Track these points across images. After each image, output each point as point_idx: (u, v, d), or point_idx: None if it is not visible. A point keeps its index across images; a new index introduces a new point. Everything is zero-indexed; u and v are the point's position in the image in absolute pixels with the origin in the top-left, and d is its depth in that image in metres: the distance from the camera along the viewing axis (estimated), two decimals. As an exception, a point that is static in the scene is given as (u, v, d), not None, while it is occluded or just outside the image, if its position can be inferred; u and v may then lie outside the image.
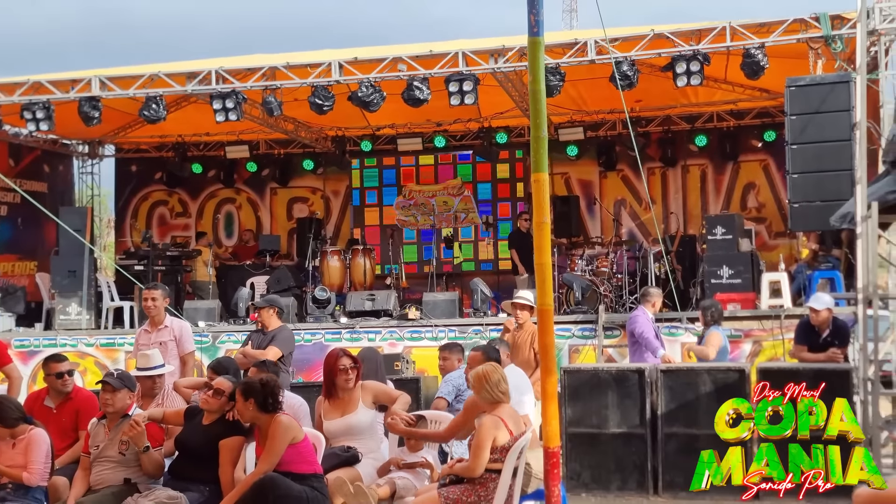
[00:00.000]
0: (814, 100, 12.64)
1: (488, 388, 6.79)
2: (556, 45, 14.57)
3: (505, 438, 6.62)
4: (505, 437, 6.62)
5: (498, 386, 6.82)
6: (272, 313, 10.51)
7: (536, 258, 5.91)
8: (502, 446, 6.62)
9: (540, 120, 6.02)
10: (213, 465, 6.79)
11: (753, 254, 15.42)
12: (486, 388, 6.80)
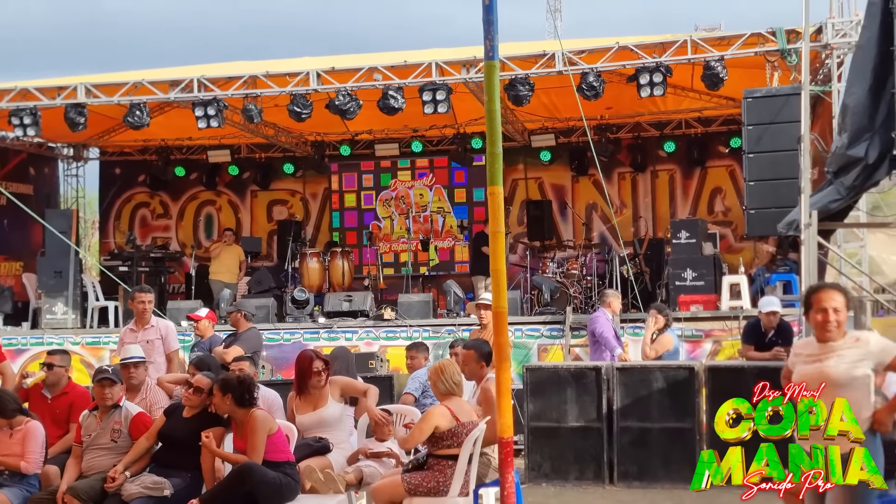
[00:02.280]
0: (769, 111, 13.18)
1: (443, 379, 7.47)
2: (526, 57, 15.18)
3: (450, 424, 7.23)
4: (450, 423, 7.24)
5: (452, 377, 7.50)
6: (240, 317, 11.37)
7: (492, 265, 6.24)
8: (448, 430, 7.22)
9: (495, 137, 6.46)
10: (194, 454, 7.32)
11: (716, 257, 16.04)
12: (442, 380, 7.47)
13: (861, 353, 5.44)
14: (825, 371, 5.39)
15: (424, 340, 14.75)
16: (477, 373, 8.12)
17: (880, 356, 5.50)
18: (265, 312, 16.17)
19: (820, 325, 5.52)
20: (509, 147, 20.27)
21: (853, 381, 5.38)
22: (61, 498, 7.38)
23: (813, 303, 5.58)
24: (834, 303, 5.51)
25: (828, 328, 5.50)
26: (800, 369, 5.55)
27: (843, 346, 5.49)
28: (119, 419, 7.75)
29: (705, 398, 10.19)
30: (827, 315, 5.49)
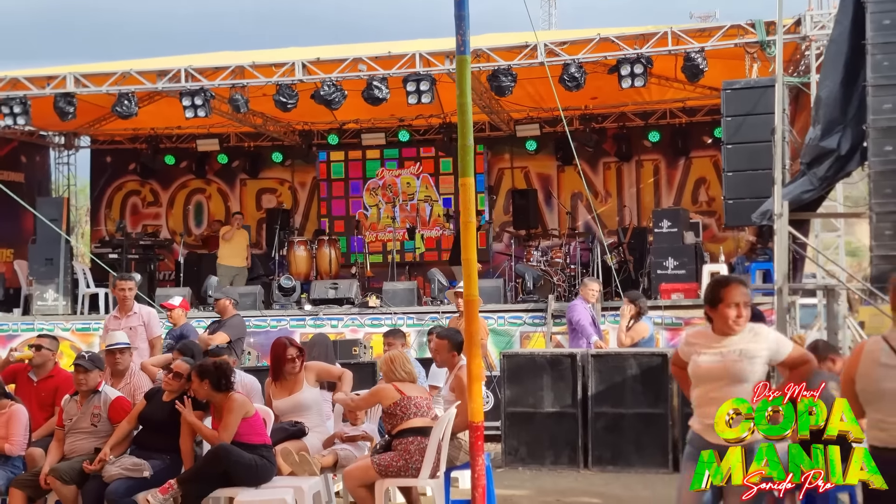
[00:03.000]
0: (747, 102, 13.39)
1: (394, 369, 7.83)
2: (508, 48, 15.36)
3: (394, 398, 7.62)
4: (394, 396, 7.63)
5: (403, 367, 7.87)
6: (228, 304, 11.58)
7: (463, 254, 6.35)
8: (393, 404, 7.61)
9: (466, 129, 6.53)
10: (173, 437, 7.56)
11: (697, 246, 16.24)
12: (393, 370, 7.83)
13: (760, 347, 5.39)
14: (729, 366, 5.35)
15: (409, 327, 15.06)
16: (449, 361, 8.39)
17: (776, 351, 5.45)
18: (252, 299, 16.38)
19: (731, 321, 5.41)
20: (496, 137, 20.53)
21: (753, 375, 5.34)
22: (44, 479, 7.62)
23: (724, 297, 5.44)
24: (744, 297, 5.47)
25: (738, 323, 5.42)
26: (700, 362, 5.47)
27: (743, 340, 5.42)
28: (99, 404, 7.98)
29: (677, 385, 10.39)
30: (739, 310, 5.42)
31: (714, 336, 5.50)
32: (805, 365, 5.47)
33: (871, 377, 4.55)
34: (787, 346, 5.50)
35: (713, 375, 5.39)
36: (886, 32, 10.33)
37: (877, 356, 4.60)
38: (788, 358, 5.47)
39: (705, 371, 5.44)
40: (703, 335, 5.60)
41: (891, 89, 10.27)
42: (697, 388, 5.53)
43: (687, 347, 5.67)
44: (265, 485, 7.37)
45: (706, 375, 5.43)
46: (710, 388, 5.40)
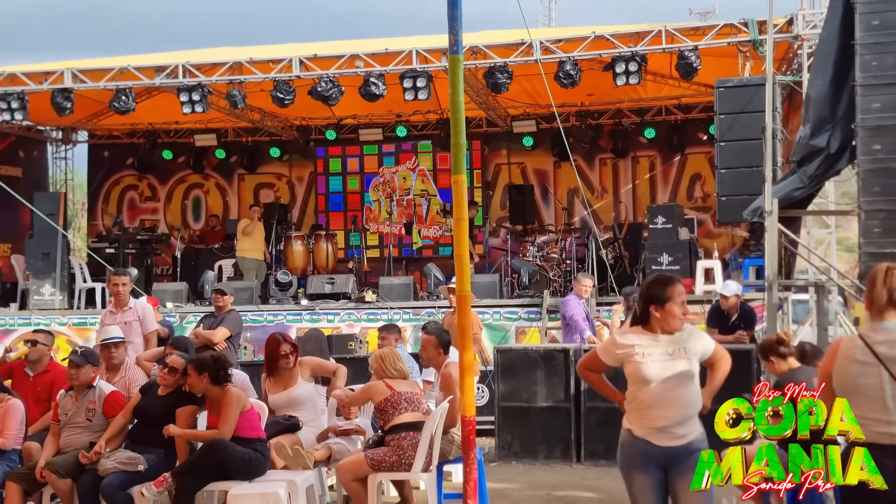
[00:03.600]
0: (740, 100, 13.45)
1: (385, 367, 7.94)
2: (504, 45, 15.45)
3: (385, 394, 7.73)
4: (385, 393, 7.75)
5: (393, 365, 7.98)
6: (230, 299, 11.66)
7: (455, 250, 6.44)
8: (384, 400, 7.73)
9: (459, 128, 6.60)
10: (167, 431, 7.69)
11: (692, 242, 16.37)
12: (384, 368, 7.94)
13: (697, 345, 5.38)
14: (680, 365, 5.29)
15: (405, 322, 15.15)
16: (435, 359, 8.50)
17: (705, 348, 5.44)
18: (249, 294, 16.47)
19: (678, 319, 5.35)
20: (493, 132, 20.62)
21: (696, 372, 5.35)
22: (40, 472, 7.73)
23: (672, 295, 5.35)
24: (684, 296, 5.43)
25: (683, 321, 5.39)
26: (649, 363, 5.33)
27: (684, 338, 5.37)
28: (93, 398, 8.08)
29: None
30: (685, 308, 5.38)
31: (654, 335, 5.39)
32: (723, 360, 5.52)
33: (847, 373, 4.62)
34: (711, 345, 5.51)
35: (666, 376, 5.28)
36: (875, 33, 10.41)
37: (852, 353, 4.66)
38: (713, 356, 5.49)
39: (657, 372, 5.29)
40: (640, 335, 5.45)
41: (879, 89, 10.36)
42: (643, 390, 5.35)
43: (621, 350, 5.46)
44: (259, 478, 7.47)
45: (657, 376, 5.28)
46: (663, 389, 5.27)
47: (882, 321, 4.65)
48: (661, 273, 6.43)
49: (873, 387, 4.56)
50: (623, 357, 5.45)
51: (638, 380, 5.38)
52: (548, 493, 9.38)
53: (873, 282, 4.71)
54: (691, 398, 5.34)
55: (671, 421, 5.28)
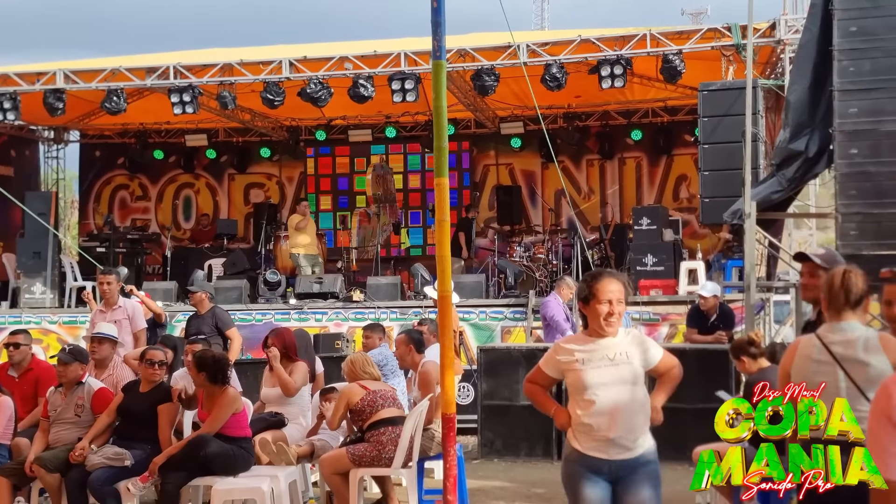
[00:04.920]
0: (723, 103, 13.64)
1: (356, 370, 8.16)
2: (491, 48, 15.64)
3: (361, 394, 7.90)
4: (360, 393, 7.91)
5: (363, 369, 8.18)
6: (204, 297, 11.81)
7: (437, 251, 6.44)
8: (361, 400, 7.89)
9: (441, 132, 6.69)
10: (152, 428, 7.85)
11: (676, 243, 16.53)
12: (355, 372, 8.15)
13: (637, 350, 5.06)
14: (623, 371, 4.99)
15: (392, 322, 15.32)
16: (407, 356, 8.73)
17: (649, 354, 5.13)
18: (238, 293, 16.61)
19: (604, 318, 5.01)
20: (481, 134, 20.81)
21: (641, 379, 5.06)
22: (29, 467, 7.88)
23: (596, 293, 5.04)
24: (618, 294, 5.06)
25: (610, 322, 5.01)
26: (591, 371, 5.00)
27: (624, 343, 5.06)
28: (82, 395, 8.24)
29: (647, 379, 10.67)
30: (612, 307, 5.01)
31: (592, 340, 5.09)
32: (674, 368, 5.20)
33: (805, 371, 4.77)
34: (658, 352, 5.18)
35: (608, 383, 4.97)
36: (853, 39, 10.59)
37: (810, 352, 4.83)
38: (660, 363, 5.15)
39: (597, 379, 4.98)
40: (579, 340, 5.19)
41: (856, 94, 10.54)
42: (585, 400, 5.00)
43: (562, 357, 5.14)
44: (243, 474, 7.63)
45: (598, 383, 4.96)
46: (605, 397, 4.95)
47: (839, 322, 4.83)
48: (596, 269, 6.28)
49: (830, 385, 4.72)
50: (565, 366, 5.11)
51: (579, 389, 5.03)
52: (528, 490, 9.54)
53: (831, 284, 4.88)
54: (637, 406, 5.00)
55: (618, 431, 4.95)
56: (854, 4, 10.73)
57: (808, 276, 5.62)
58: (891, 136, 10.47)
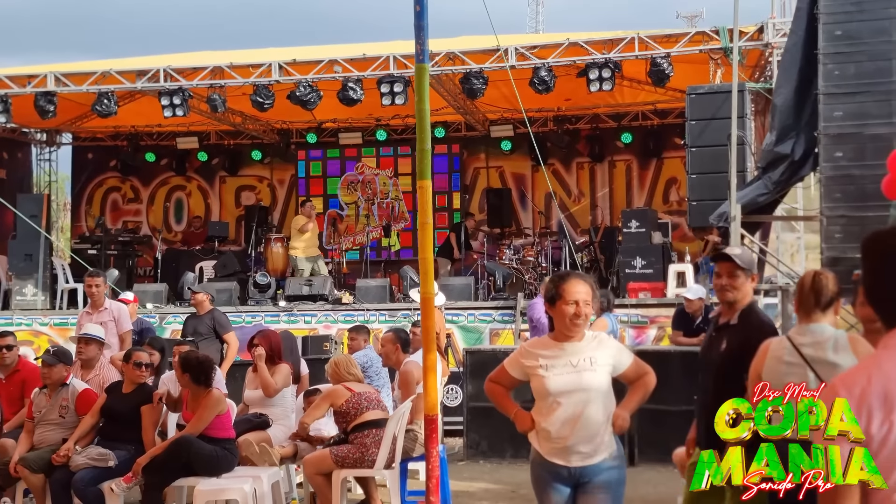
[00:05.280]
0: (710, 107, 13.70)
1: (340, 372, 8.18)
2: (480, 51, 15.69)
3: (346, 396, 7.92)
4: (345, 395, 7.93)
5: (347, 370, 8.20)
6: (205, 298, 11.88)
7: (420, 253, 6.49)
8: (346, 402, 7.91)
9: (424, 134, 6.71)
10: (136, 429, 7.91)
11: (665, 246, 16.57)
12: (339, 373, 8.18)
13: (605, 356, 4.93)
14: (586, 377, 4.86)
15: (381, 324, 15.34)
16: (393, 355, 8.76)
17: (618, 361, 5.00)
18: (228, 295, 16.64)
19: (570, 319, 4.87)
20: (471, 136, 20.85)
21: (606, 385, 4.90)
22: (14, 468, 7.93)
23: (562, 293, 4.91)
24: (585, 295, 4.90)
25: (577, 322, 4.87)
26: (553, 376, 4.88)
27: (590, 348, 4.93)
28: (66, 396, 8.29)
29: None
30: (578, 308, 4.85)
31: (557, 344, 4.97)
32: (646, 376, 5.06)
33: (775, 373, 4.82)
34: (627, 358, 5.05)
35: (569, 389, 4.83)
36: (838, 43, 10.71)
37: (781, 354, 4.88)
38: (629, 370, 5.02)
39: (559, 385, 4.86)
40: (545, 344, 5.06)
41: (841, 98, 10.66)
42: (547, 406, 4.90)
43: (527, 361, 5.03)
44: (226, 474, 7.67)
45: (560, 390, 4.84)
46: (567, 404, 4.83)
47: (809, 324, 4.89)
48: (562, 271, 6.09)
49: None
50: (529, 370, 4.99)
51: (541, 395, 4.92)
52: (511, 491, 9.58)
53: (802, 287, 4.95)
54: (599, 415, 4.85)
55: (576, 439, 4.83)
56: (839, 8, 10.84)
57: (727, 277, 5.34)
58: (875, 139, 10.58)
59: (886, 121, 10.66)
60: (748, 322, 5.33)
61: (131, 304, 12.09)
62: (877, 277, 2.67)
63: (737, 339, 5.28)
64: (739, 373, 5.13)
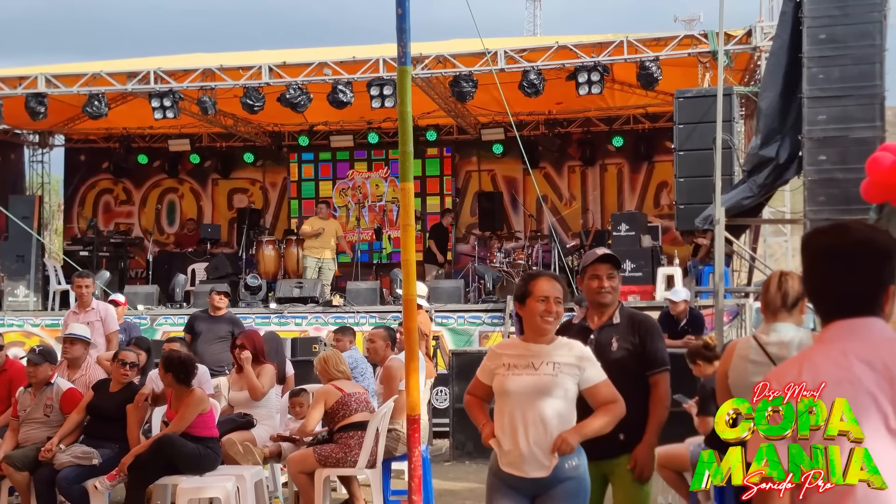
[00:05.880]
0: (698, 110, 13.78)
1: (329, 369, 8.26)
2: (470, 54, 15.76)
3: (336, 396, 7.97)
4: (336, 395, 7.98)
5: (336, 367, 8.28)
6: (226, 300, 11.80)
7: (403, 255, 6.51)
8: (336, 402, 7.96)
9: (407, 136, 6.77)
10: (121, 427, 7.94)
11: (654, 249, 16.64)
12: (328, 370, 8.26)
13: (572, 363, 4.65)
14: (544, 381, 4.61)
15: (371, 326, 15.40)
16: (381, 352, 8.83)
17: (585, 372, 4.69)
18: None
19: (541, 317, 4.67)
20: (463, 140, 20.90)
21: (570, 393, 4.65)
22: (-1, 466, 7.99)
23: (532, 290, 4.72)
24: (556, 293, 4.70)
25: (548, 320, 4.66)
26: (510, 378, 4.66)
27: (557, 353, 4.68)
28: (51, 395, 8.34)
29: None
30: (549, 305, 4.66)
31: (524, 345, 4.76)
32: (614, 404, 4.69)
33: (741, 371, 4.89)
34: (596, 375, 4.71)
35: (524, 391, 4.61)
36: (822, 47, 10.78)
37: (746, 353, 4.95)
38: (597, 389, 4.69)
39: (515, 386, 4.65)
40: (512, 345, 4.90)
41: (825, 101, 10.73)
42: (503, 408, 4.69)
43: (492, 361, 4.85)
44: (209, 473, 7.73)
45: (515, 391, 4.64)
46: (522, 407, 4.61)
47: (774, 323, 4.95)
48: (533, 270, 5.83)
49: None
50: (494, 371, 4.78)
51: (499, 394, 4.72)
52: (496, 491, 9.62)
53: (768, 287, 5.01)
54: (556, 421, 4.59)
55: (529, 446, 4.58)
56: (823, 12, 10.92)
57: (608, 279, 5.08)
58: (859, 143, 10.65)
59: (870, 124, 10.74)
60: (635, 317, 5.25)
61: (121, 307, 12.11)
62: (810, 273, 2.74)
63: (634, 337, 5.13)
64: (642, 371, 5.12)
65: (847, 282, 2.63)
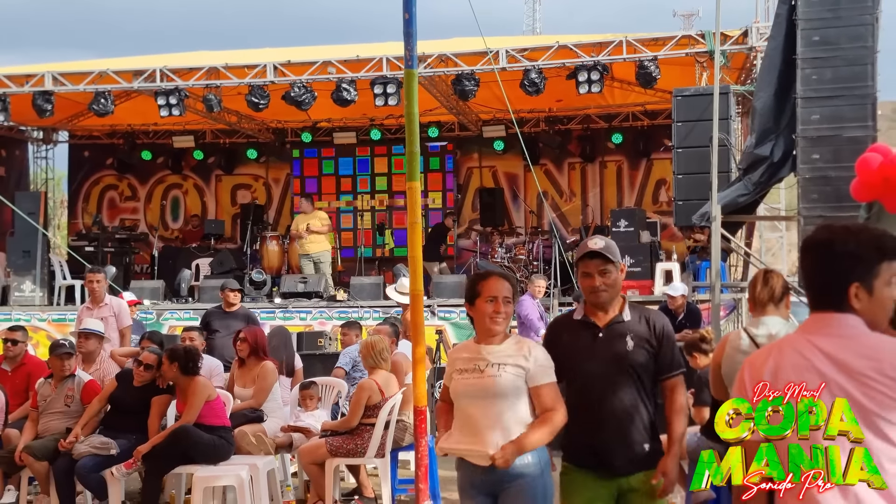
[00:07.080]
0: (696, 109, 14.00)
1: (373, 354, 8.41)
2: (472, 53, 16.00)
3: (377, 399, 8.20)
4: (377, 397, 8.20)
5: (381, 354, 8.43)
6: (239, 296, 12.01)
7: (409, 252, 6.67)
8: (374, 405, 8.19)
9: (413, 137, 6.95)
10: (140, 419, 8.19)
11: (653, 244, 16.89)
12: (371, 355, 8.41)
13: (521, 360, 4.56)
14: (489, 381, 4.55)
15: (375, 321, 15.65)
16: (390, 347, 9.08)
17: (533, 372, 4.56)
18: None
19: (489, 317, 4.62)
20: (465, 137, 21.15)
21: (520, 391, 4.56)
22: (19, 456, 8.23)
23: (481, 290, 4.67)
24: (505, 292, 4.67)
25: (496, 320, 4.62)
26: (459, 379, 4.65)
27: (503, 354, 4.60)
28: (72, 386, 8.60)
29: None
30: (497, 305, 4.62)
31: (476, 347, 4.68)
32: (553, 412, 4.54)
33: (733, 362, 5.17)
34: (545, 377, 4.58)
35: (471, 394, 4.59)
36: (815, 48, 11.02)
37: (738, 344, 5.23)
38: (539, 390, 4.56)
39: (462, 389, 4.64)
40: (466, 347, 4.82)
41: (818, 101, 10.97)
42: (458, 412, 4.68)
43: (449, 366, 4.82)
44: (223, 462, 7.99)
45: (462, 394, 4.64)
46: (469, 409, 4.61)
47: (763, 317, 5.24)
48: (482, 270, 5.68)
49: None
50: (451, 376, 4.75)
51: (454, 399, 4.72)
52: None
53: (755, 283, 5.30)
54: (503, 422, 4.53)
55: (477, 445, 4.52)
56: (816, 14, 11.16)
57: (599, 276, 4.66)
58: (851, 142, 10.89)
59: (862, 124, 10.98)
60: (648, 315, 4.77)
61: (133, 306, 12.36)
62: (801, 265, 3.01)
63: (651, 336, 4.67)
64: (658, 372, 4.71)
65: (817, 277, 2.90)
